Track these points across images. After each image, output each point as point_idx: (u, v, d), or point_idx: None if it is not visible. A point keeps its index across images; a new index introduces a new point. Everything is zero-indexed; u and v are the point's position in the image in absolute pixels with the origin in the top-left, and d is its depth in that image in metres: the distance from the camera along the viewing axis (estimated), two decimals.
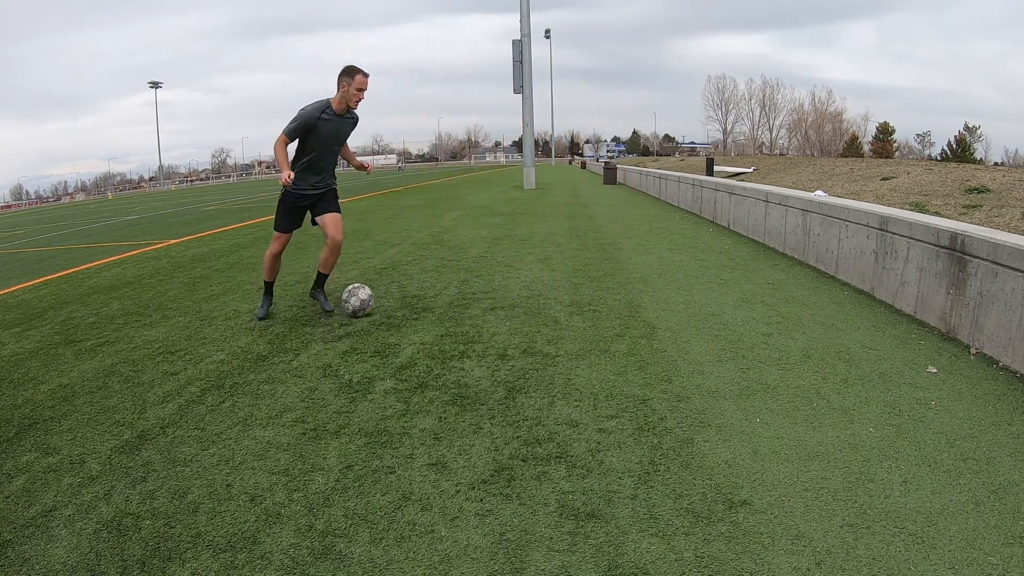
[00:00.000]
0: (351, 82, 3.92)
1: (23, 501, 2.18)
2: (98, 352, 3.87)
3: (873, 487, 2.04)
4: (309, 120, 3.93)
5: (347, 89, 3.94)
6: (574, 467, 2.23)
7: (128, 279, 6.47)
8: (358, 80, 3.93)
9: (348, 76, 3.92)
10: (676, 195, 12.65)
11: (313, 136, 4.00)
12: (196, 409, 2.89)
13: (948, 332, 3.54)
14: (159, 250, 8.83)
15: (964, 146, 57.78)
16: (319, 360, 3.47)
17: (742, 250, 6.69)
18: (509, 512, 1.98)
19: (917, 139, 74.13)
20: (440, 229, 9.29)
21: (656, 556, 1.74)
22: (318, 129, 3.98)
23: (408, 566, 1.75)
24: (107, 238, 11.76)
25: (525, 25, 19.93)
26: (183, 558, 1.83)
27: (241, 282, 5.84)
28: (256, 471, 2.30)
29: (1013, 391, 2.74)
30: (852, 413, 2.58)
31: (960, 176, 11.78)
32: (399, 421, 2.66)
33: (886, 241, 4.30)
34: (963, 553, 1.71)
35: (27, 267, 8.39)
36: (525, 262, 6.16)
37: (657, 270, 5.58)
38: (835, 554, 1.72)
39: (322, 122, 3.97)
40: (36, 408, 3.02)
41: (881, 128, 66.69)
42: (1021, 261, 2.99)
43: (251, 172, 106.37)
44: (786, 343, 3.46)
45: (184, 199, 30.30)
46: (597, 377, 3.05)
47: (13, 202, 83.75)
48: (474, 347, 3.57)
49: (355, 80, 3.92)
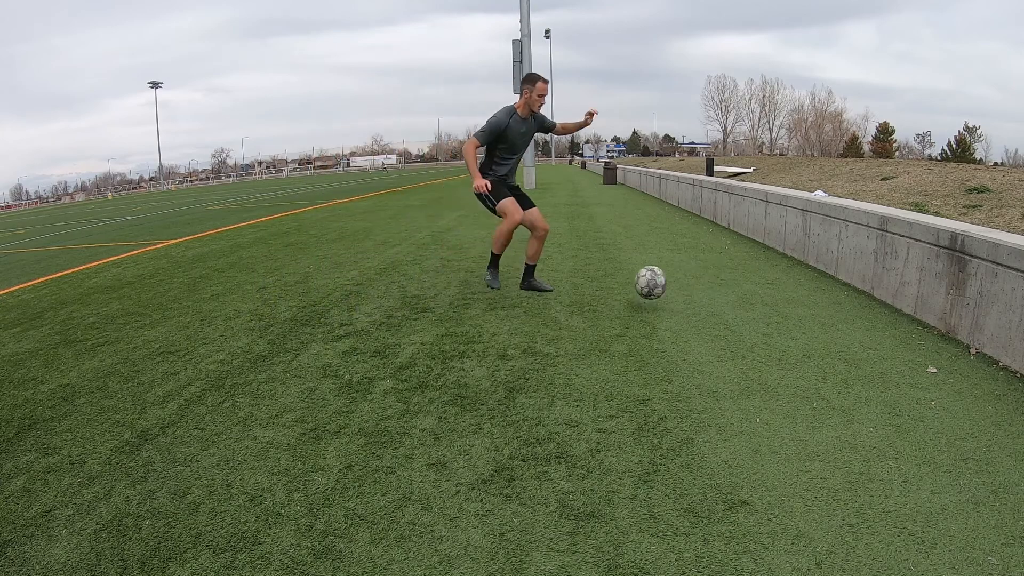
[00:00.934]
0: (533, 88, 4.32)
1: (23, 501, 2.18)
2: (98, 352, 3.88)
3: (873, 487, 2.04)
4: (499, 126, 4.33)
5: (530, 95, 4.33)
6: (574, 467, 2.23)
7: (128, 279, 6.47)
8: (539, 87, 4.32)
9: (530, 83, 4.34)
10: (676, 195, 12.66)
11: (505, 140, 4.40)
12: (196, 409, 2.89)
13: (948, 332, 3.54)
14: (159, 250, 8.83)
15: (964, 146, 57.81)
16: (319, 360, 3.47)
17: (742, 250, 6.69)
18: (509, 512, 1.98)
19: (917, 139, 74.22)
20: (440, 229, 9.28)
21: (656, 556, 1.74)
22: (509, 132, 4.36)
23: (408, 566, 1.75)
24: (107, 238, 11.76)
25: (525, 25, 19.93)
26: (183, 558, 1.83)
27: (241, 282, 5.84)
28: (256, 471, 2.30)
29: (1013, 391, 2.75)
30: (852, 413, 2.58)
31: (960, 176, 11.78)
32: (399, 421, 2.66)
33: (886, 241, 4.30)
34: (963, 553, 1.71)
35: (27, 267, 8.39)
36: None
37: None
38: (835, 554, 1.72)
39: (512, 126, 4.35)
40: (36, 408, 3.03)
41: (881, 128, 66.73)
42: (1021, 261, 2.99)
43: (251, 172, 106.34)
44: (786, 343, 3.46)
45: (184, 199, 30.30)
46: (597, 377, 3.05)
47: (13, 202, 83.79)
48: (474, 347, 3.57)
49: (536, 87, 4.32)
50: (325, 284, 5.50)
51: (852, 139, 66.12)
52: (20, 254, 10.47)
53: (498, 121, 4.30)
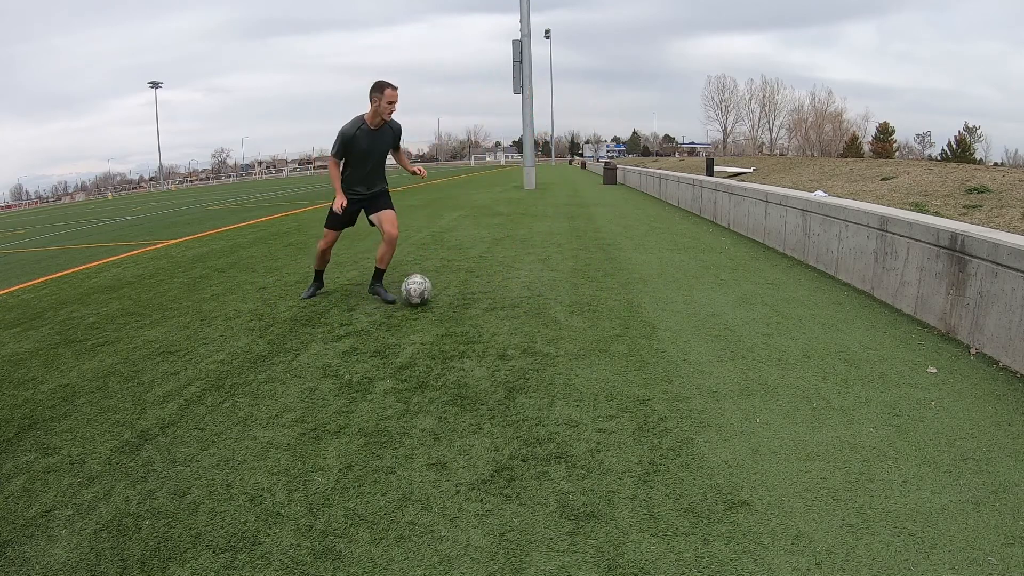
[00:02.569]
0: (381, 96, 4.22)
1: (23, 501, 2.18)
2: (98, 352, 3.87)
3: (873, 487, 2.04)
4: (346, 137, 4.29)
5: (379, 104, 4.23)
6: (574, 467, 2.23)
7: (128, 279, 6.47)
8: (388, 94, 4.23)
9: (378, 91, 4.23)
10: (676, 195, 12.65)
11: (354, 151, 4.36)
12: (196, 409, 2.89)
13: (948, 332, 3.54)
14: (159, 250, 8.83)
15: (964, 146, 57.80)
16: (319, 360, 3.47)
17: (742, 250, 6.69)
18: (509, 512, 1.98)
19: (917, 139, 74.22)
20: (440, 229, 9.29)
21: (656, 556, 1.74)
22: (356, 143, 4.32)
23: (408, 566, 1.75)
24: (107, 238, 11.76)
25: (525, 25, 19.93)
26: (183, 558, 1.83)
27: (241, 282, 5.84)
28: (256, 471, 2.30)
29: (1013, 391, 2.75)
30: (852, 413, 2.58)
31: (960, 176, 11.78)
32: (399, 421, 2.66)
33: (886, 241, 4.30)
34: (963, 553, 1.71)
35: (27, 267, 8.39)
36: (525, 262, 6.17)
37: (657, 270, 5.58)
38: (835, 554, 1.72)
39: (359, 137, 4.31)
40: (36, 408, 3.03)
41: (881, 128, 66.73)
42: (1021, 261, 2.99)
43: (251, 172, 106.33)
44: (786, 343, 3.46)
45: (184, 199, 30.30)
46: (597, 377, 3.05)
47: (13, 202, 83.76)
48: (474, 347, 3.57)
49: (384, 94, 4.22)
50: (325, 284, 5.49)
51: (852, 139, 66.10)
52: (20, 254, 10.47)
53: (344, 132, 4.29)
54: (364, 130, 4.31)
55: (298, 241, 8.61)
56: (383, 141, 4.43)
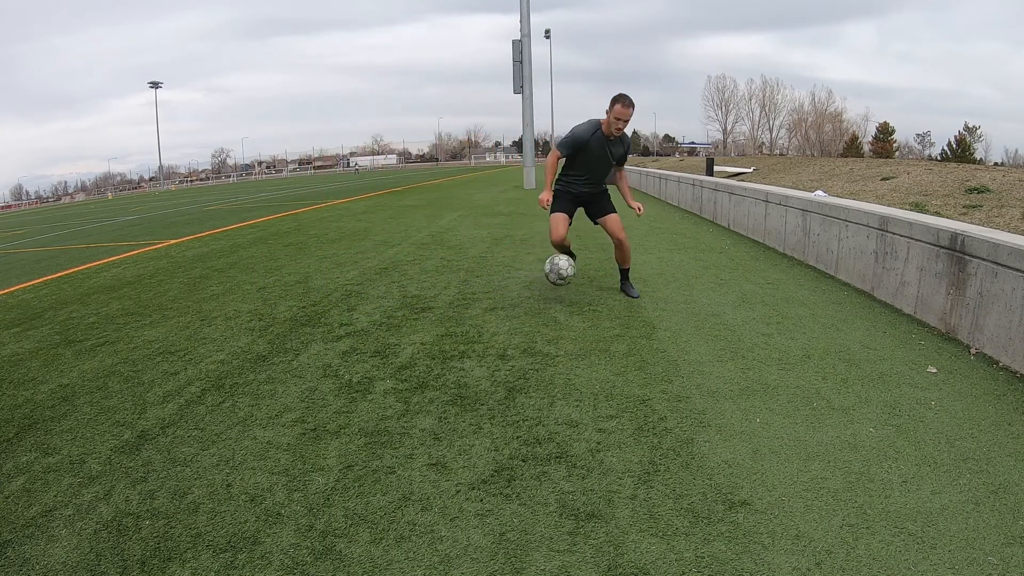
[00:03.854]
0: (611, 111, 4.16)
1: (23, 501, 2.18)
2: (98, 352, 3.88)
3: (873, 487, 2.04)
4: (578, 141, 4.26)
5: (609, 117, 4.18)
6: (574, 467, 2.23)
7: (128, 279, 6.47)
8: (616, 110, 4.13)
9: (611, 105, 4.15)
10: (676, 195, 12.65)
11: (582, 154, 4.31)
12: (196, 409, 2.89)
13: (948, 332, 3.54)
14: (159, 250, 8.83)
15: (964, 146, 57.77)
16: (319, 360, 3.47)
17: (742, 250, 6.69)
18: (509, 512, 1.98)
19: (917, 139, 74.10)
20: (440, 229, 9.28)
21: (656, 556, 1.74)
22: (587, 148, 4.27)
23: (408, 566, 1.75)
24: (107, 238, 11.76)
25: (525, 25, 19.93)
26: (183, 558, 1.83)
27: (241, 282, 5.84)
28: (256, 471, 2.30)
29: (1013, 391, 2.75)
30: (852, 413, 2.58)
31: (960, 176, 11.78)
32: (399, 421, 2.66)
33: (886, 241, 4.30)
34: (963, 553, 1.71)
35: (27, 267, 8.39)
36: (525, 262, 6.16)
37: (657, 270, 5.58)
38: (835, 554, 1.72)
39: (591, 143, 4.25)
40: (36, 408, 3.03)
41: (881, 128, 66.69)
42: (1021, 261, 2.99)
43: (251, 172, 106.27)
44: (786, 343, 3.46)
45: (184, 199, 30.30)
46: (597, 377, 3.05)
47: (13, 202, 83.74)
48: (474, 347, 3.57)
49: (614, 110, 4.13)
50: (325, 284, 5.50)
51: (852, 139, 66.08)
52: (20, 254, 10.47)
53: (578, 134, 4.25)
54: (598, 136, 4.25)
55: (298, 241, 8.61)
56: (612, 154, 4.36)
